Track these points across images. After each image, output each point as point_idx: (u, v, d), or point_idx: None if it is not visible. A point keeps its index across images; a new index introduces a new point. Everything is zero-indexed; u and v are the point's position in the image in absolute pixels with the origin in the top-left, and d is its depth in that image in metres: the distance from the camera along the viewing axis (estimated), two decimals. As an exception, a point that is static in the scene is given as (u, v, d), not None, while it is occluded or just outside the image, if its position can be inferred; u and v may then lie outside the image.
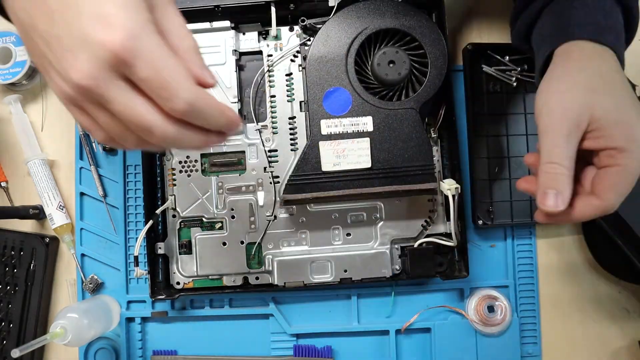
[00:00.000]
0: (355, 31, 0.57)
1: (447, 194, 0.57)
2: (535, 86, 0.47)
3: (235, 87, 0.61)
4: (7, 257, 0.64)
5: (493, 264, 0.65)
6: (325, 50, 0.57)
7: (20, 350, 0.51)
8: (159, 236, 0.62)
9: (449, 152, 0.62)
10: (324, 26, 0.57)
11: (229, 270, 0.61)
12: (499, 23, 0.67)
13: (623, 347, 0.65)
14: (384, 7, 0.57)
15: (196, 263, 0.61)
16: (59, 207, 0.64)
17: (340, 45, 0.57)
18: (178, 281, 0.62)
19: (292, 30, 0.62)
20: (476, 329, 0.63)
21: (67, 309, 0.57)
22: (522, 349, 0.64)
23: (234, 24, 0.61)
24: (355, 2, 0.57)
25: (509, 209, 0.63)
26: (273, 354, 0.64)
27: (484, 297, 0.63)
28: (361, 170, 0.56)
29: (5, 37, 0.65)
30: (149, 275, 0.60)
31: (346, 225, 0.62)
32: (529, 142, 0.64)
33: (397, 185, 0.56)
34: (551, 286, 0.65)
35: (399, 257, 0.62)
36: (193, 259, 0.61)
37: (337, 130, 0.57)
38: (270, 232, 0.61)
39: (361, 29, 0.56)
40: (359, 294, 0.64)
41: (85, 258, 0.65)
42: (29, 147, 0.65)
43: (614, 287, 0.65)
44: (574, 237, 0.66)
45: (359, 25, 0.57)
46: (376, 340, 0.64)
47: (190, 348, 0.65)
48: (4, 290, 0.63)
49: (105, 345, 0.64)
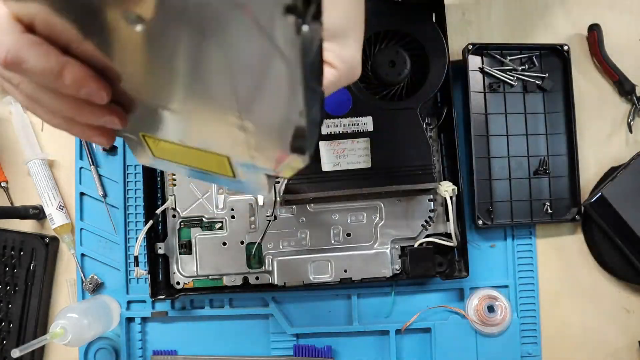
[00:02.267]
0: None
1: (445, 196, 0.57)
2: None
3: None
4: (7, 257, 0.64)
5: (493, 264, 0.65)
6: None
7: (20, 350, 0.51)
8: (159, 236, 0.62)
9: (448, 152, 0.62)
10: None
11: (229, 270, 0.61)
12: (499, 23, 0.67)
13: (623, 347, 0.65)
14: (384, 8, 0.57)
15: (196, 263, 0.61)
16: (59, 207, 0.64)
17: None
18: (178, 281, 0.62)
19: None
20: (476, 329, 0.63)
21: (67, 309, 0.57)
22: (522, 349, 0.64)
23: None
24: None
25: (509, 209, 0.63)
26: (273, 354, 0.64)
27: (484, 297, 0.63)
28: (361, 170, 0.56)
29: (5, 37, 0.65)
30: (149, 275, 0.60)
31: (346, 225, 0.62)
32: (529, 142, 0.64)
33: (397, 185, 0.56)
34: (551, 286, 0.65)
35: (399, 257, 0.62)
36: (193, 259, 0.61)
37: (337, 130, 0.57)
38: (270, 232, 0.61)
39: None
40: (359, 294, 0.64)
41: (85, 258, 0.65)
42: (29, 147, 0.65)
43: (614, 287, 0.65)
44: (574, 237, 0.66)
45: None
46: (376, 340, 0.64)
47: (190, 348, 0.65)
48: (4, 290, 0.63)
49: (105, 345, 0.64)
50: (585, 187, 0.64)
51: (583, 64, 0.67)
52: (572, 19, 0.67)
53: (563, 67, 0.64)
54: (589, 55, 0.67)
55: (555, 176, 0.64)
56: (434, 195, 0.61)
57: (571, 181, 0.64)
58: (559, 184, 0.64)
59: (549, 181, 0.64)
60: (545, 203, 0.64)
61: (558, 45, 0.64)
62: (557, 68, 0.65)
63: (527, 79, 0.64)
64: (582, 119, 0.65)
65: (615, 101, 0.67)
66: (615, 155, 0.65)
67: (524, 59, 0.65)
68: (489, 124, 0.64)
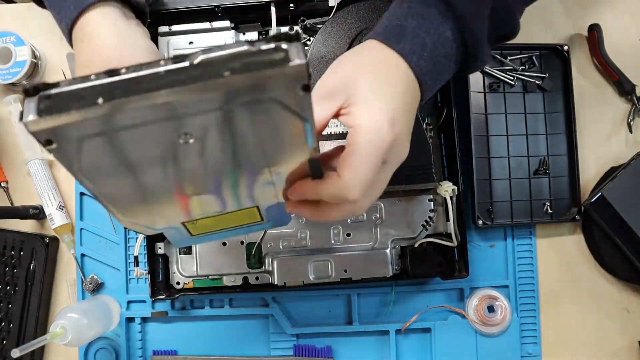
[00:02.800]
0: (355, 31, 0.56)
1: (445, 196, 0.57)
2: None
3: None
4: (7, 257, 0.64)
5: (493, 264, 0.65)
6: (325, 50, 0.56)
7: (20, 350, 0.51)
8: (159, 236, 0.62)
9: (448, 152, 0.62)
10: (323, 26, 0.57)
11: (229, 270, 0.61)
12: (499, 23, 0.67)
13: (623, 347, 0.65)
14: (383, 7, 0.57)
15: (196, 263, 0.61)
16: (59, 207, 0.64)
17: (340, 45, 0.56)
18: (178, 281, 0.62)
19: (292, 30, 0.62)
20: (476, 329, 0.63)
21: (67, 309, 0.57)
22: (522, 349, 0.64)
23: (234, 24, 0.61)
24: (355, 2, 0.57)
25: (509, 209, 0.63)
26: (273, 354, 0.64)
27: (484, 297, 0.63)
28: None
29: (6, 37, 0.65)
30: (149, 275, 0.60)
31: (346, 225, 0.62)
32: (529, 142, 0.64)
33: (397, 185, 0.56)
34: (551, 286, 0.65)
35: (399, 257, 0.62)
36: (193, 258, 0.61)
37: (337, 131, 0.57)
38: (270, 232, 0.61)
39: (361, 28, 0.56)
40: (359, 293, 0.64)
41: (85, 258, 0.65)
42: (29, 147, 0.65)
43: (614, 287, 0.65)
44: (574, 237, 0.66)
45: (358, 25, 0.56)
46: (376, 340, 0.64)
47: (190, 348, 0.65)
48: (4, 290, 0.63)
49: (105, 345, 0.64)
50: (585, 187, 0.64)
51: (583, 64, 0.67)
52: (572, 19, 0.67)
53: (563, 67, 0.64)
54: (589, 55, 0.67)
55: (555, 176, 0.64)
56: (434, 195, 0.61)
57: (571, 181, 0.64)
58: (559, 184, 0.64)
59: (549, 181, 0.64)
60: (545, 203, 0.64)
61: (558, 45, 0.64)
62: (557, 68, 0.64)
63: (527, 79, 0.64)
64: (582, 119, 0.65)
65: (615, 101, 0.67)
66: (615, 155, 0.65)
67: (524, 59, 0.64)
68: (489, 124, 0.64)
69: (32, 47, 0.65)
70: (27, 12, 0.68)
